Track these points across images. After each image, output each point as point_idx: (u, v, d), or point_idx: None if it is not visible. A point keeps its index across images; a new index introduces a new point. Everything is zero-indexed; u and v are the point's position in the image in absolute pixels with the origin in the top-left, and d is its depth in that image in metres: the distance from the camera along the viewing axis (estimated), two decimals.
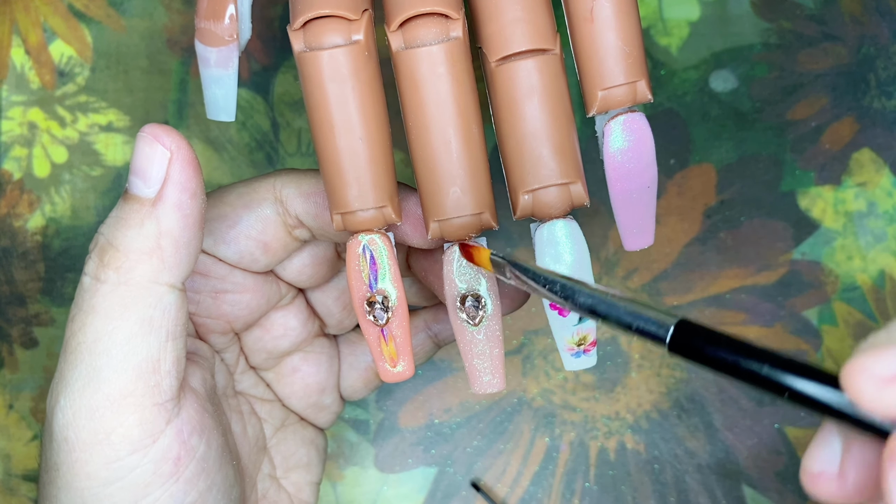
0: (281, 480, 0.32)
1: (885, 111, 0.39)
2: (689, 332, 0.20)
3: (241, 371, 0.31)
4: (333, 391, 0.33)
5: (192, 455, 0.26)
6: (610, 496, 0.38)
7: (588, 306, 0.22)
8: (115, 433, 0.25)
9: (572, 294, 0.23)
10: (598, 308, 0.22)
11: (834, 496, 0.20)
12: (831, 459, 0.20)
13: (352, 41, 0.24)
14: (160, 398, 0.25)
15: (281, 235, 0.29)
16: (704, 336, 0.20)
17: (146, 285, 0.25)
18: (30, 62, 0.40)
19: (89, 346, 0.25)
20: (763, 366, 0.19)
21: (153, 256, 0.25)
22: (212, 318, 0.30)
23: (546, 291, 0.23)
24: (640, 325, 0.21)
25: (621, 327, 0.21)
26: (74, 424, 0.25)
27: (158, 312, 0.25)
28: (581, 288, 0.22)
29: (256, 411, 0.32)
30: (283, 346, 0.32)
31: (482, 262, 0.25)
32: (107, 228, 0.25)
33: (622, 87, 0.25)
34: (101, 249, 0.25)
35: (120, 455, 0.25)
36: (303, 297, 0.32)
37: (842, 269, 0.38)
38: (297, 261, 0.30)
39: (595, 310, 0.22)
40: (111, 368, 0.24)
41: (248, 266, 0.29)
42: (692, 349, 0.20)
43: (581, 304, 0.22)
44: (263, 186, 0.29)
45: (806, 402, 0.19)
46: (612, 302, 0.22)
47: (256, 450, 0.31)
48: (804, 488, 0.20)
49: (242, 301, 0.30)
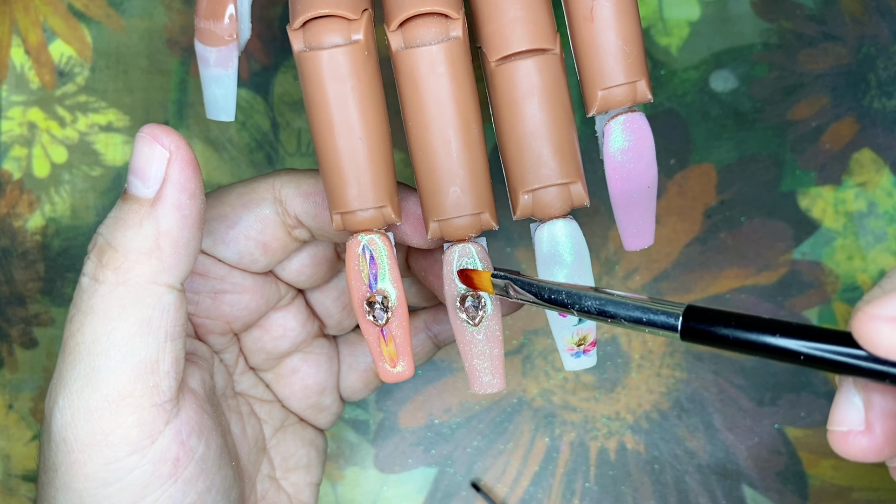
0: (280, 481, 0.32)
1: (886, 111, 0.39)
2: (698, 317, 0.21)
3: (240, 372, 0.31)
4: (333, 392, 0.33)
5: (191, 456, 0.26)
6: (610, 496, 0.38)
7: (597, 309, 0.23)
8: (113, 434, 0.24)
9: (579, 300, 0.23)
10: (607, 309, 0.22)
11: (865, 452, 0.20)
12: (856, 416, 0.20)
13: (351, 41, 0.24)
14: (159, 399, 0.25)
15: (280, 236, 0.29)
16: (714, 318, 0.20)
17: (145, 286, 0.25)
18: (29, 62, 0.40)
19: (88, 346, 0.25)
20: (775, 336, 0.20)
21: (152, 257, 0.25)
22: (211, 318, 0.30)
23: (551, 304, 0.23)
24: (651, 319, 0.21)
25: (633, 324, 0.22)
26: (73, 425, 0.25)
27: (157, 313, 0.25)
28: (587, 293, 0.23)
29: (256, 412, 0.32)
30: (283, 346, 0.32)
31: (483, 286, 0.25)
32: (105, 229, 0.25)
33: (622, 87, 0.25)
34: (99, 250, 0.25)
35: (118, 456, 0.25)
36: (302, 298, 0.32)
37: (842, 269, 0.38)
38: (297, 261, 0.30)
39: (604, 311, 0.22)
40: (109, 369, 0.24)
41: (247, 266, 0.29)
42: (704, 333, 0.21)
43: (589, 308, 0.23)
44: (263, 186, 0.29)
45: (822, 363, 0.19)
46: (620, 301, 0.22)
47: (256, 451, 0.31)
48: (835, 451, 0.20)
49: (242, 301, 0.30)
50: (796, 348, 0.19)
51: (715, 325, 0.20)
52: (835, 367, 0.19)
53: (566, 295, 0.23)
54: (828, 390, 0.38)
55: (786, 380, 0.38)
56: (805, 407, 0.38)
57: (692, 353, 0.38)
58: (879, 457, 0.20)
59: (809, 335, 0.19)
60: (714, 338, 0.20)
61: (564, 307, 0.23)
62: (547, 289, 0.24)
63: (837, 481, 0.38)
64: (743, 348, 0.20)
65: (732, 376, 0.38)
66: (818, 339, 0.19)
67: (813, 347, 0.19)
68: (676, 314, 0.21)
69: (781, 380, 0.38)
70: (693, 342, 0.21)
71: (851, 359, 0.19)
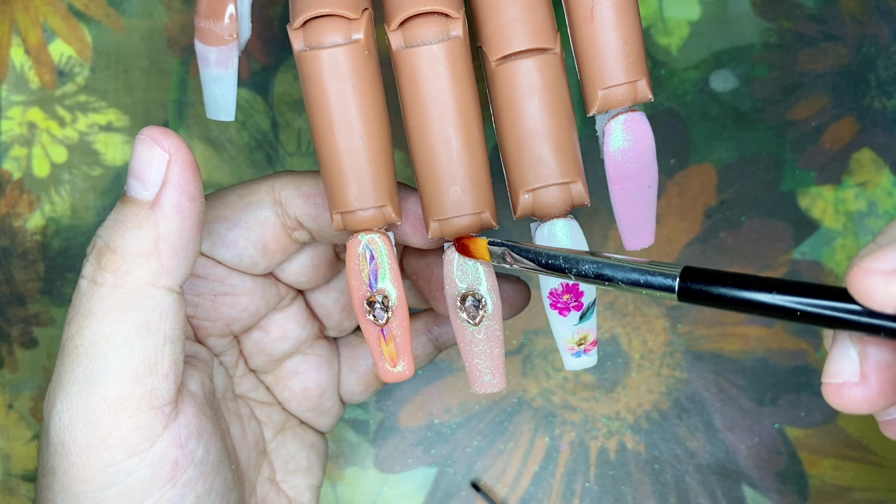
0: (281, 484, 0.32)
1: (886, 111, 0.39)
2: (695, 278, 0.21)
3: (240, 374, 0.31)
4: (333, 394, 0.33)
5: (190, 459, 0.26)
6: (610, 496, 0.38)
7: (595, 273, 0.23)
8: (111, 437, 0.24)
9: (576, 264, 0.23)
10: (604, 272, 0.22)
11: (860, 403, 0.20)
12: (851, 368, 0.21)
13: (352, 40, 0.24)
14: (157, 402, 0.25)
15: (280, 238, 0.29)
16: (711, 278, 0.21)
17: (144, 288, 0.25)
18: (29, 62, 0.40)
19: (86, 349, 0.24)
20: (771, 293, 0.20)
21: (151, 259, 0.25)
22: (210, 320, 0.29)
23: (549, 270, 0.23)
24: (648, 280, 0.22)
25: (630, 286, 0.22)
26: (71, 428, 0.24)
27: (156, 316, 0.25)
28: (584, 256, 0.23)
29: (256, 414, 0.31)
30: (283, 348, 0.31)
31: (480, 254, 0.25)
32: (104, 231, 0.25)
33: (622, 87, 0.25)
34: (98, 252, 0.25)
35: (117, 459, 0.25)
36: (302, 299, 0.32)
37: (842, 269, 0.38)
38: (296, 262, 0.30)
39: (602, 275, 0.22)
40: (108, 372, 0.24)
41: (247, 269, 0.29)
42: (701, 293, 0.21)
43: (587, 272, 0.23)
44: (262, 189, 0.29)
45: (818, 319, 0.19)
46: (617, 264, 0.22)
47: (256, 453, 0.31)
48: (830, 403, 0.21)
49: (242, 303, 0.30)
50: (793, 305, 0.20)
51: (712, 285, 0.21)
52: (831, 323, 0.19)
53: (563, 259, 0.23)
54: None
55: (786, 380, 0.38)
56: (805, 407, 0.38)
57: (692, 353, 0.38)
58: (873, 408, 0.20)
59: (805, 292, 0.19)
60: (711, 297, 0.21)
61: (562, 272, 0.23)
62: (544, 254, 0.24)
63: (837, 481, 0.38)
64: (740, 307, 0.20)
65: (732, 376, 0.38)
66: (814, 296, 0.19)
67: (809, 304, 0.19)
68: (674, 275, 0.21)
69: (781, 380, 0.38)
70: (691, 302, 0.21)
71: (847, 314, 0.19)
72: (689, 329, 0.38)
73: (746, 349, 0.38)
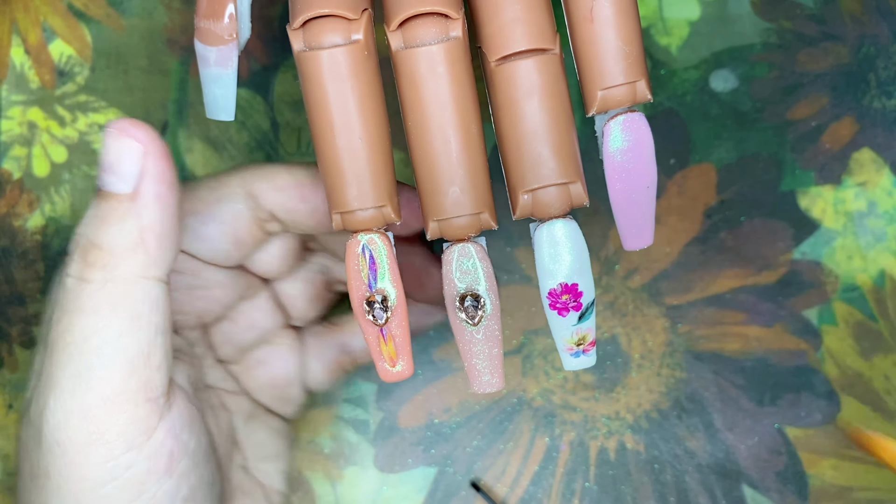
0: (252, 471, 0.32)
1: (886, 111, 0.39)
2: None
3: (209, 365, 0.31)
4: (299, 383, 0.33)
5: (185, 450, 0.26)
6: (610, 496, 0.38)
7: None
8: (109, 432, 0.24)
9: None
10: None
11: None
12: None
13: (351, 40, 0.24)
14: (152, 394, 0.25)
15: (253, 230, 0.29)
16: None
17: (134, 281, 0.25)
18: (29, 61, 0.40)
19: (79, 345, 0.24)
20: None
21: (138, 251, 0.25)
22: (184, 313, 0.30)
23: None
24: None
25: None
26: (67, 426, 0.24)
27: (146, 307, 0.25)
28: None
29: (225, 404, 0.32)
30: (250, 337, 0.32)
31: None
32: (86, 228, 0.25)
33: (622, 87, 0.25)
34: (83, 250, 0.25)
35: (115, 454, 0.25)
36: (268, 289, 0.32)
37: (842, 269, 0.38)
38: (266, 252, 0.30)
39: None
40: (103, 367, 0.24)
41: (221, 262, 0.29)
42: None
43: None
44: (233, 181, 0.29)
45: None
46: None
47: (229, 442, 0.31)
48: None
49: (215, 296, 0.30)
50: None
51: None
52: None
53: None
54: (828, 390, 0.38)
55: (786, 380, 0.38)
56: (805, 407, 0.38)
57: (692, 353, 0.38)
58: None
59: None
60: None
61: None
62: None
63: (837, 481, 0.38)
64: None
65: (732, 376, 0.38)
66: None
67: None
68: None
69: (781, 380, 0.38)
70: None
71: None
72: (689, 329, 0.38)
73: (746, 349, 0.38)
